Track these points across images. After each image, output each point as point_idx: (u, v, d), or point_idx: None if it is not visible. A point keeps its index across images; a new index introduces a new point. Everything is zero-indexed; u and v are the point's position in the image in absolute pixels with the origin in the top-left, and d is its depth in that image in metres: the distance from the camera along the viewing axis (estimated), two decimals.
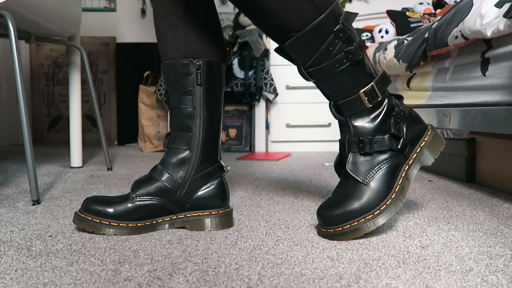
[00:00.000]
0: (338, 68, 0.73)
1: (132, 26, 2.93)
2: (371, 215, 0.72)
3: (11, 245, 0.71)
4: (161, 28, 0.84)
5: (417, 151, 0.80)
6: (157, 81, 2.39)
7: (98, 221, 0.76)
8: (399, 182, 0.76)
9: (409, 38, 1.62)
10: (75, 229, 0.80)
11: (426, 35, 1.37)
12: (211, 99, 0.83)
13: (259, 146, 2.38)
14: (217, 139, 0.85)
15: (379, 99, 0.76)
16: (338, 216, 0.72)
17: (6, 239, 0.74)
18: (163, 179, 0.80)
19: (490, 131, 1.05)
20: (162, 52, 0.85)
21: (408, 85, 1.61)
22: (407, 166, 0.78)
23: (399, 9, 2.63)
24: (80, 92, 1.65)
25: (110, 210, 0.77)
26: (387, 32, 2.42)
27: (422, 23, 2.36)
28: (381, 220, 0.72)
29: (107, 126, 2.88)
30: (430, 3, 2.59)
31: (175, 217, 0.81)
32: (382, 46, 1.82)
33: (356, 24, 2.84)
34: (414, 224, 0.84)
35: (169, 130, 0.85)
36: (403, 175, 0.77)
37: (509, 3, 0.95)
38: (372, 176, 0.75)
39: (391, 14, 2.48)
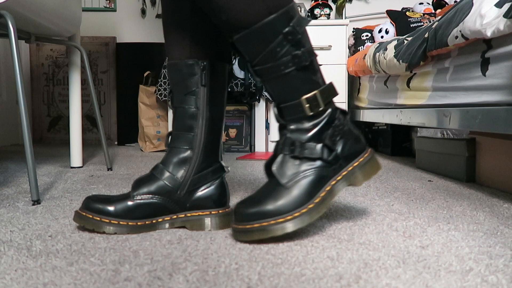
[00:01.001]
0: (283, 70, 0.72)
1: (132, 26, 2.93)
2: (282, 219, 0.70)
3: (11, 245, 0.71)
4: (168, 27, 0.85)
5: (349, 169, 0.77)
6: (157, 81, 2.39)
7: (99, 219, 0.76)
8: (321, 195, 0.74)
9: (409, 38, 1.62)
10: (75, 229, 0.80)
11: (426, 35, 1.37)
12: (215, 100, 0.83)
13: (259, 146, 2.38)
14: (219, 140, 0.86)
15: (321, 108, 0.74)
16: (251, 214, 0.71)
17: (6, 239, 0.74)
18: (164, 178, 0.80)
19: (490, 131, 1.05)
20: (167, 50, 0.85)
21: (408, 85, 1.61)
22: (334, 181, 0.76)
23: (399, 9, 2.63)
24: (80, 92, 1.65)
25: (111, 208, 0.77)
26: (387, 32, 2.42)
27: (422, 23, 2.36)
28: (290, 227, 0.70)
29: (107, 126, 2.88)
30: (430, 3, 2.59)
31: (175, 216, 0.81)
32: (382, 46, 1.82)
33: (356, 24, 2.85)
34: (414, 224, 0.84)
35: (171, 130, 0.85)
36: (327, 188, 0.75)
37: (509, 3, 0.95)
38: (296, 182, 0.73)
39: (391, 14, 2.48)
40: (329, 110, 0.76)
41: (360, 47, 2.51)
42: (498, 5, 1.00)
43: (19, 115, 2.67)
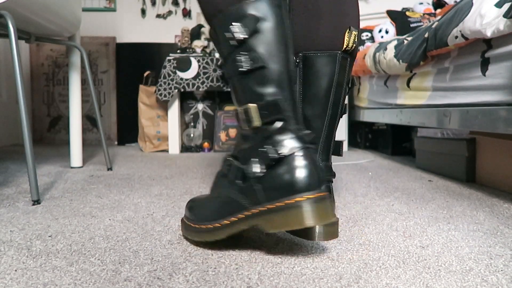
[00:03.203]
0: (229, 74, 0.66)
1: (132, 26, 2.93)
2: (197, 226, 0.70)
3: (11, 245, 0.71)
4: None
5: (269, 206, 0.61)
6: (157, 81, 2.39)
7: None
8: (232, 219, 0.65)
9: (409, 38, 1.62)
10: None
11: (426, 35, 1.37)
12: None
13: None
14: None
15: (255, 125, 0.62)
16: (187, 212, 0.74)
17: (6, 239, 0.74)
18: None
19: (490, 131, 1.05)
20: None
21: (408, 85, 1.61)
22: (249, 213, 0.63)
23: (399, 9, 2.63)
24: (80, 92, 1.65)
25: None
26: (387, 32, 2.42)
27: (422, 23, 2.36)
28: (197, 237, 0.70)
29: (107, 126, 2.88)
30: (430, 3, 2.59)
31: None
32: (382, 46, 1.82)
33: None
34: (414, 224, 0.84)
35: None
36: (240, 216, 0.64)
37: (509, 3, 0.95)
38: (215, 197, 0.70)
39: (391, 14, 2.48)
40: (271, 128, 0.62)
41: (360, 47, 2.51)
42: (498, 5, 1.00)
43: (19, 115, 2.67)
